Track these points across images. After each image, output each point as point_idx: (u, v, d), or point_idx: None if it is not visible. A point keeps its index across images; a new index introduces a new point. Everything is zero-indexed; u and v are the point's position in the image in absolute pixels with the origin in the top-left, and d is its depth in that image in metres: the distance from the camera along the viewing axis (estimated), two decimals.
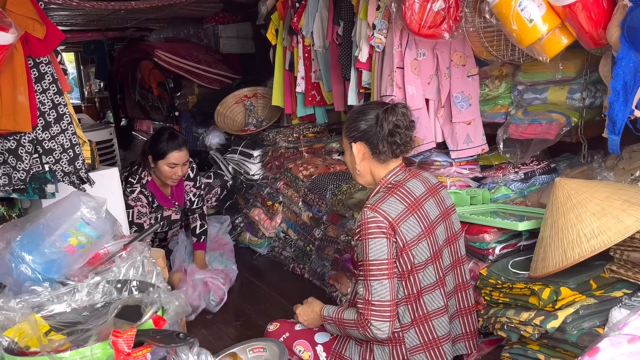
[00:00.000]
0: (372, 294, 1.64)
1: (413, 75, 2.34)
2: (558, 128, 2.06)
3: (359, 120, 1.77)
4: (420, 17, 2.11)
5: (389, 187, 1.74)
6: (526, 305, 1.71)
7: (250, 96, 4.12)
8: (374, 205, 1.66)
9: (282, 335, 1.90)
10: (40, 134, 2.01)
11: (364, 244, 1.65)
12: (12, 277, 1.62)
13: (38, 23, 1.96)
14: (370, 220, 1.64)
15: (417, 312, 1.72)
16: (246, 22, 4.71)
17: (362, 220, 1.66)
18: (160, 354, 1.32)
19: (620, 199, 1.60)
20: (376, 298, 1.63)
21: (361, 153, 1.78)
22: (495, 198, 2.31)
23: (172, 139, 2.93)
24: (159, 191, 3.07)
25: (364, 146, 1.76)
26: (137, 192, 3.00)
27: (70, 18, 4.49)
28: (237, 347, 2.12)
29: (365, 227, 1.65)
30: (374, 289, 1.63)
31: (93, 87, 8.25)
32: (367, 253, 1.64)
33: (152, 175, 3.03)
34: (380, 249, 1.63)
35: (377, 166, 1.78)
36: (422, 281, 1.71)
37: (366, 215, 1.65)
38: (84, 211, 1.69)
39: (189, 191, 3.16)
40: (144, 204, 3.00)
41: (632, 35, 1.56)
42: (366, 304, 1.64)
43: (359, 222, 1.68)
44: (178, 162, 2.92)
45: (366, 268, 1.64)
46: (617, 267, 1.65)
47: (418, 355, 1.75)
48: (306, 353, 1.85)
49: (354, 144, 1.78)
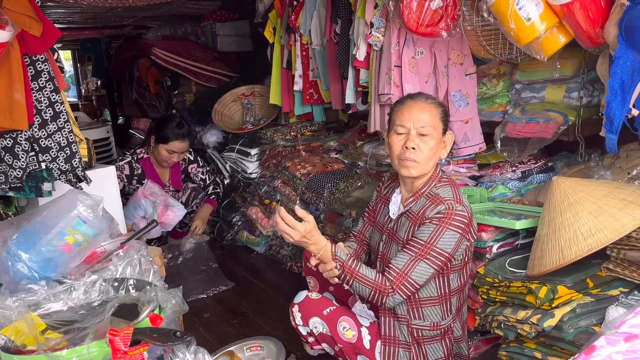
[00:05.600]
0: (413, 271, 1.64)
1: (411, 74, 2.34)
2: (555, 127, 2.06)
3: (448, 112, 1.83)
4: (418, 16, 2.11)
5: (443, 178, 1.79)
6: (523, 303, 1.71)
7: (248, 94, 4.11)
8: (457, 199, 1.70)
9: (326, 309, 1.81)
10: (36, 132, 2.00)
11: (439, 229, 1.65)
12: (9, 275, 1.61)
13: (34, 21, 1.95)
14: (458, 213, 1.67)
15: (460, 301, 1.80)
16: (244, 20, 4.70)
17: (449, 210, 1.67)
18: (157, 352, 1.31)
19: (617, 198, 1.60)
20: (414, 277, 1.65)
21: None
22: (492, 197, 2.31)
23: (178, 127, 3.15)
24: (152, 169, 3.27)
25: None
26: (125, 162, 3.23)
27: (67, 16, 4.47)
28: (234, 346, 2.13)
29: (450, 217, 1.66)
30: (418, 269, 1.64)
31: (90, 85, 8.22)
32: (436, 238, 1.65)
33: (150, 154, 3.24)
34: (450, 243, 1.66)
35: None
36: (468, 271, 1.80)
37: (455, 207, 1.67)
38: (81, 209, 1.69)
39: (197, 172, 3.42)
40: (122, 175, 3.20)
41: (629, 34, 1.57)
42: (401, 276, 1.65)
43: (443, 210, 1.68)
44: (178, 150, 3.15)
45: (425, 249, 1.65)
46: (613, 266, 1.65)
47: (456, 345, 1.82)
48: (350, 332, 1.79)
49: (448, 132, 1.81)
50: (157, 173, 3.32)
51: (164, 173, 3.35)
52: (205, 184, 3.47)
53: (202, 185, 3.47)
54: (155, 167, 3.30)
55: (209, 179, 3.49)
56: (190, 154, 3.42)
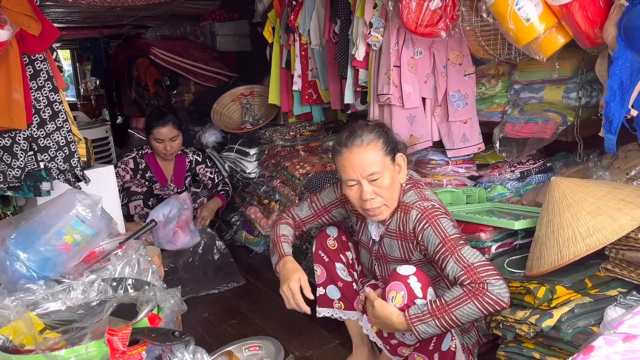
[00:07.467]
0: (469, 259, 1.53)
1: (410, 74, 2.34)
2: (554, 127, 2.06)
3: (390, 132, 1.76)
4: (417, 16, 2.11)
5: (407, 184, 1.76)
6: (522, 303, 1.71)
7: (247, 94, 4.11)
8: (422, 198, 1.68)
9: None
10: (35, 131, 2.00)
11: (435, 227, 1.61)
12: (7, 275, 1.61)
13: (33, 20, 1.95)
14: (428, 208, 1.65)
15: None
16: (243, 20, 4.69)
17: (423, 210, 1.64)
18: (155, 352, 1.31)
19: (615, 198, 1.60)
20: (475, 260, 1.53)
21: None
22: (491, 197, 2.31)
23: (158, 115, 3.28)
24: (155, 164, 3.36)
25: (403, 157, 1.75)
26: (130, 157, 3.34)
27: (66, 15, 4.46)
28: (233, 346, 2.13)
29: (428, 214, 1.63)
30: (467, 255, 1.54)
31: (89, 85, 8.22)
32: (444, 231, 1.60)
33: (153, 150, 3.36)
34: (451, 224, 1.63)
35: None
36: None
37: (423, 207, 1.65)
38: (79, 209, 1.68)
39: (206, 172, 3.50)
40: (127, 168, 3.31)
41: (628, 35, 1.57)
42: (469, 270, 1.50)
43: (416, 218, 1.65)
44: (163, 137, 3.23)
45: (450, 244, 1.57)
46: (612, 266, 1.65)
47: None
48: (399, 295, 1.57)
49: (398, 155, 1.73)
50: (160, 168, 3.39)
51: (168, 169, 3.41)
52: (214, 183, 3.52)
53: (210, 185, 3.51)
54: (159, 162, 3.38)
55: (217, 178, 3.54)
56: (198, 156, 3.50)
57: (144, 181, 3.34)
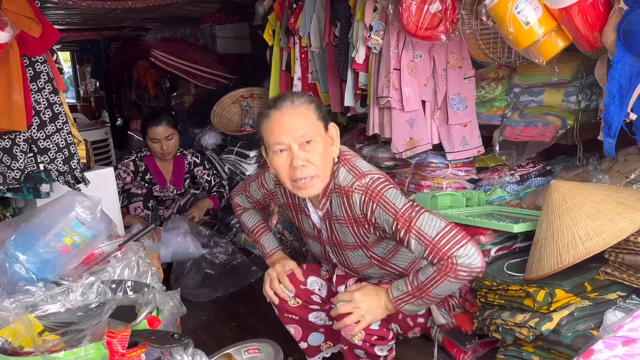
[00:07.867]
0: (428, 233, 1.43)
1: (410, 77, 2.34)
2: (554, 130, 2.06)
3: (322, 105, 1.60)
4: (417, 19, 2.12)
5: (339, 161, 1.60)
6: (521, 307, 1.71)
7: (247, 97, 4.11)
8: (357, 175, 1.54)
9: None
10: (35, 133, 2.00)
11: (383, 205, 1.48)
12: (6, 276, 1.61)
13: (34, 22, 1.95)
14: (369, 185, 1.51)
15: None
16: (243, 23, 4.70)
17: (364, 194, 1.50)
18: (154, 354, 1.31)
19: (615, 202, 1.61)
20: (434, 233, 1.42)
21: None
22: (490, 200, 2.31)
23: (151, 116, 3.32)
24: (155, 166, 3.38)
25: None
26: (130, 160, 3.36)
27: (67, 17, 4.48)
28: (232, 348, 2.12)
29: (371, 193, 1.50)
30: (425, 227, 1.43)
31: (89, 87, 8.22)
32: (393, 205, 1.47)
33: (151, 151, 3.38)
34: (397, 193, 1.50)
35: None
36: None
37: (363, 186, 1.51)
38: (79, 211, 1.68)
39: (203, 174, 3.51)
40: (128, 170, 3.33)
41: (628, 39, 1.57)
42: (433, 248, 1.42)
43: (361, 201, 1.52)
44: (159, 137, 3.24)
45: (404, 219, 1.45)
46: (611, 270, 1.65)
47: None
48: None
49: (330, 125, 1.57)
50: (159, 170, 3.40)
51: (167, 171, 3.43)
52: (211, 185, 3.55)
53: (208, 187, 3.54)
54: (158, 164, 3.40)
55: (214, 180, 3.56)
56: (197, 157, 3.52)
57: (144, 183, 3.34)
